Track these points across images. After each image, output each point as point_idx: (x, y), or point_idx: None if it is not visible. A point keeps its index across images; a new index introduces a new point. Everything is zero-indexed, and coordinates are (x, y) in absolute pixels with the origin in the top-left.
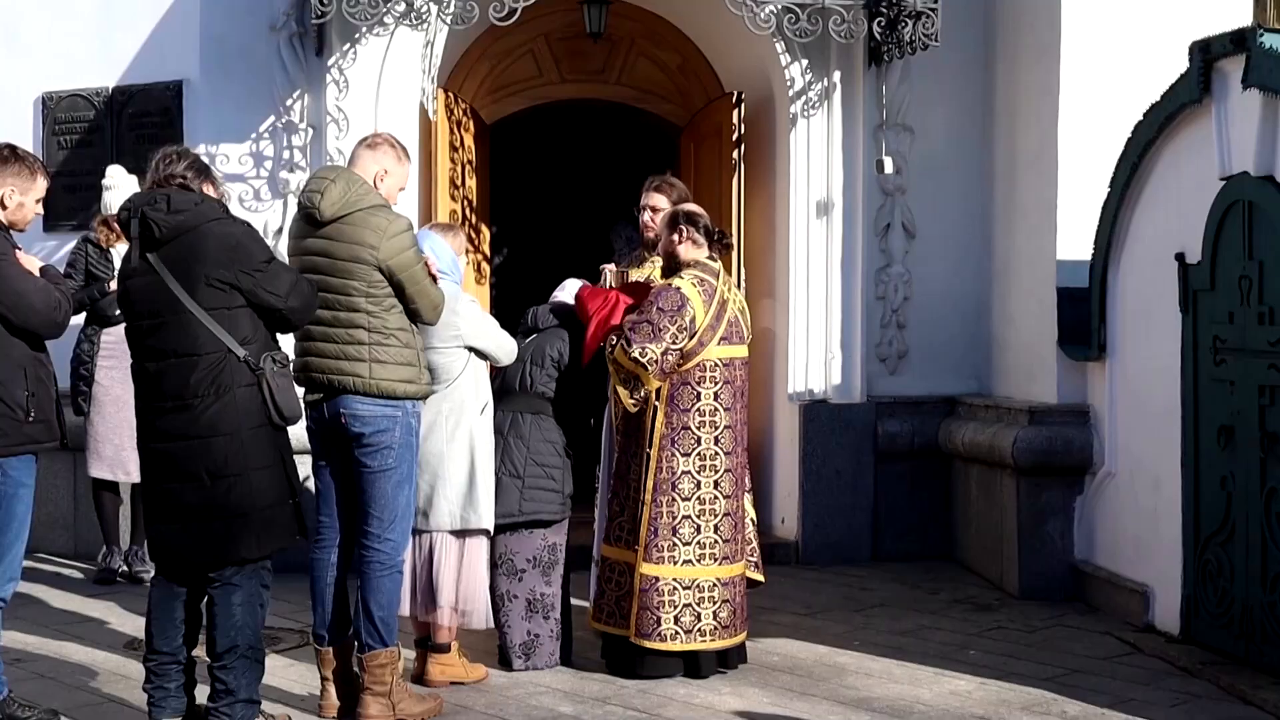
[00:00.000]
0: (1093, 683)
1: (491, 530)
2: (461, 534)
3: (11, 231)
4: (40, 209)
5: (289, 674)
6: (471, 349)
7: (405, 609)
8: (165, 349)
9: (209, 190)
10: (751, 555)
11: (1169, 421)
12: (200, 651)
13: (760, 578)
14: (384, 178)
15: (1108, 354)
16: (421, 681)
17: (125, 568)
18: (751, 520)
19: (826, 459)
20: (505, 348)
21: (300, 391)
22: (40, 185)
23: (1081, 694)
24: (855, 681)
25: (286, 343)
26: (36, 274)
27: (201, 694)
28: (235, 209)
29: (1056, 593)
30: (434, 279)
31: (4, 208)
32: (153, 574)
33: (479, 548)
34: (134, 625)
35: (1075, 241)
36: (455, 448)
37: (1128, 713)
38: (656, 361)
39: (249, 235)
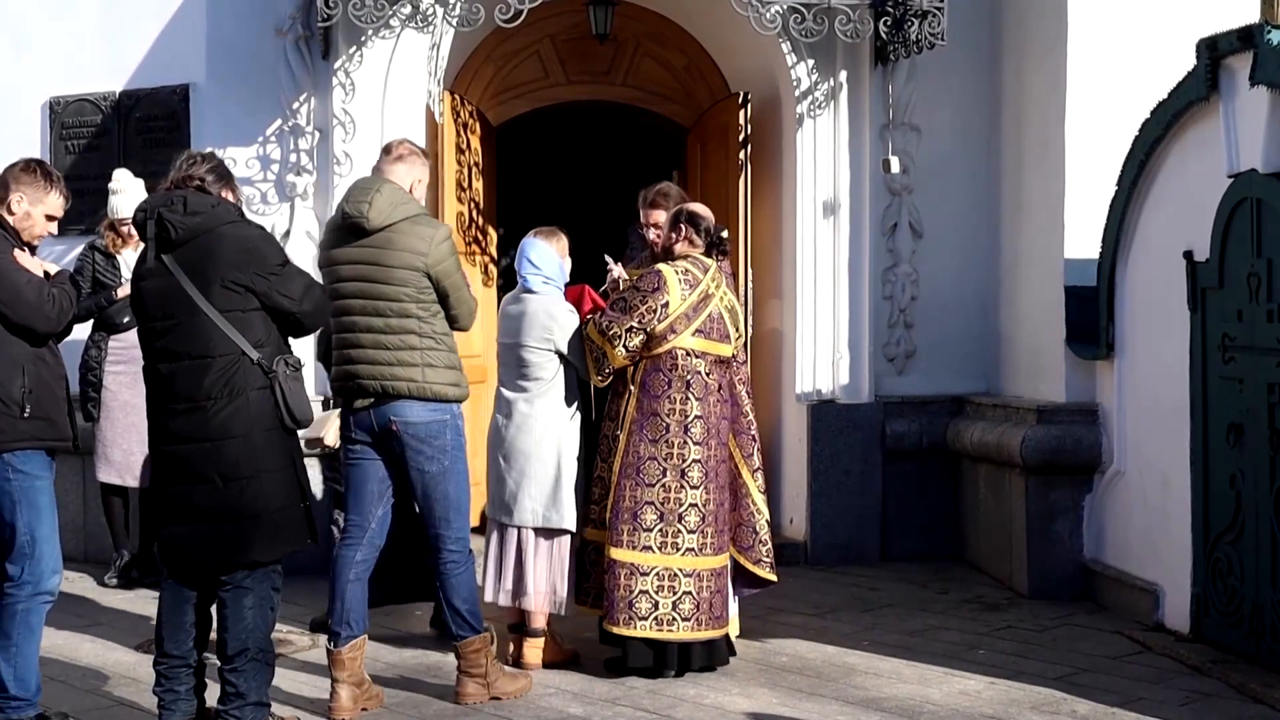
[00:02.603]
0: (1102, 682)
1: (574, 530)
2: (547, 532)
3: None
4: (53, 228)
5: (299, 676)
6: (561, 357)
7: (490, 596)
8: (178, 351)
9: (228, 195)
10: (767, 556)
11: (1178, 420)
12: (212, 653)
13: (773, 577)
14: (417, 186)
15: (1116, 352)
16: (518, 664)
17: (135, 571)
18: (766, 520)
19: (835, 459)
20: (582, 366)
21: (312, 400)
22: (53, 201)
23: (1091, 693)
24: (864, 681)
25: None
26: (39, 270)
27: (212, 696)
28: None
29: (1065, 592)
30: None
31: (11, 213)
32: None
33: (564, 544)
34: (144, 628)
35: (1083, 240)
36: (544, 449)
37: (1138, 712)
38: (620, 337)
39: (264, 239)
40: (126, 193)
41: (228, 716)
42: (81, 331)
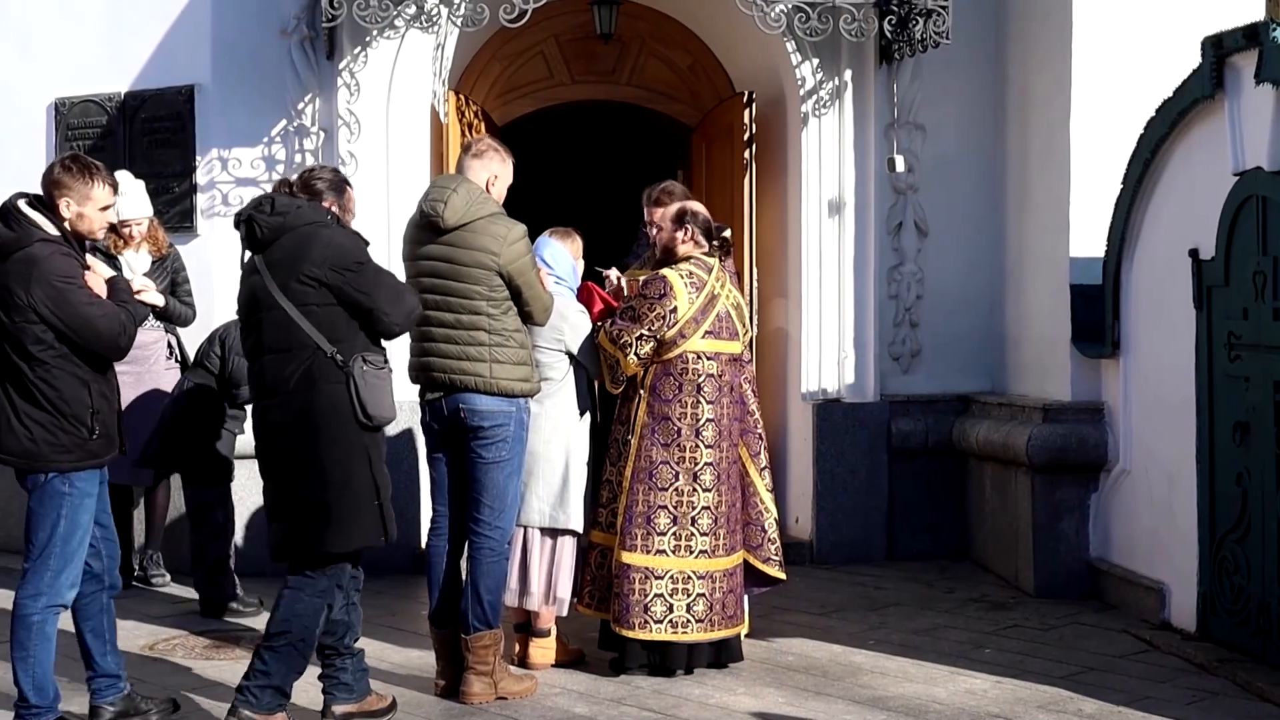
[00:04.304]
0: (1109, 680)
1: (581, 531)
2: (553, 532)
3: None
4: (110, 217)
5: (304, 675)
6: (572, 357)
7: (504, 598)
8: (264, 344)
9: (332, 205)
10: (776, 554)
11: (1184, 418)
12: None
13: (782, 575)
14: (494, 183)
15: (1122, 351)
16: (524, 664)
17: (139, 571)
18: (774, 519)
19: (840, 458)
20: (595, 367)
21: (401, 390)
22: (99, 195)
23: (1098, 692)
24: (870, 681)
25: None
26: (104, 289)
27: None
28: None
29: (1072, 590)
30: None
31: (63, 218)
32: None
33: (569, 545)
34: (150, 629)
35: (1088, 238)
36: (553, 449)
37: (1144, 710)
38: (630, 346)
39: (348, 237)
40: (128, 194)
41: (247, 691)
42: None
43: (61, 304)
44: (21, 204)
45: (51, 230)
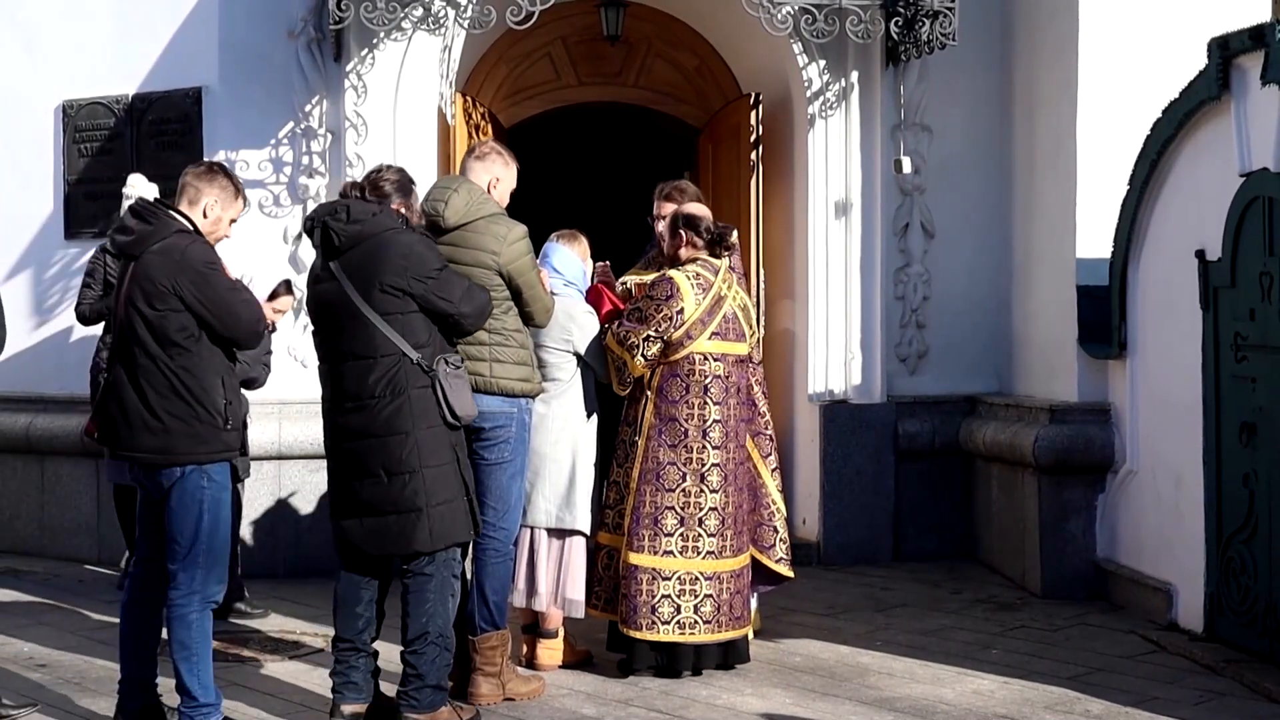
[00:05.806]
0: (1116, 681)
1: (588, 532)
2: (560, 533)
3: None
4: (230, 233)
5: (311, 678)
6: (581, 359)
7: (511, 598)
8: (345, 351)
9: (401, 207)
10: (786, 554)
11: (1190, 419)
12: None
13: (790, 574)
14: (496, 185)
15: (1128, 352)
16: (532, 665)
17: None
18: (784, 518)
19: (847, 459)
20: (603, 368)
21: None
22: (239, 207)
23: (1105, 693)
24: (878, 681)
25: None
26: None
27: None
28: (254, 215)
29: (1079, 591)
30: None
31: (204, 217)
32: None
33: (578, 546)
34: None
35: (1095, 239)
36: (560, 450)
37: (1151, 711)
38: (637, 347)
39: (424, 244)
40: (142, 197)
41: (407, 698)
42: (93, 332)
43: (205, 288)
44: (153, 201)
45: (187, 224)
